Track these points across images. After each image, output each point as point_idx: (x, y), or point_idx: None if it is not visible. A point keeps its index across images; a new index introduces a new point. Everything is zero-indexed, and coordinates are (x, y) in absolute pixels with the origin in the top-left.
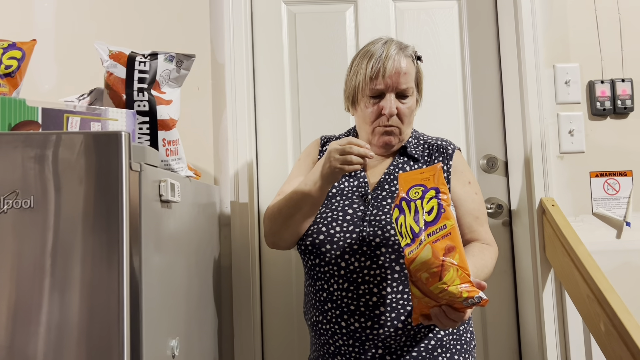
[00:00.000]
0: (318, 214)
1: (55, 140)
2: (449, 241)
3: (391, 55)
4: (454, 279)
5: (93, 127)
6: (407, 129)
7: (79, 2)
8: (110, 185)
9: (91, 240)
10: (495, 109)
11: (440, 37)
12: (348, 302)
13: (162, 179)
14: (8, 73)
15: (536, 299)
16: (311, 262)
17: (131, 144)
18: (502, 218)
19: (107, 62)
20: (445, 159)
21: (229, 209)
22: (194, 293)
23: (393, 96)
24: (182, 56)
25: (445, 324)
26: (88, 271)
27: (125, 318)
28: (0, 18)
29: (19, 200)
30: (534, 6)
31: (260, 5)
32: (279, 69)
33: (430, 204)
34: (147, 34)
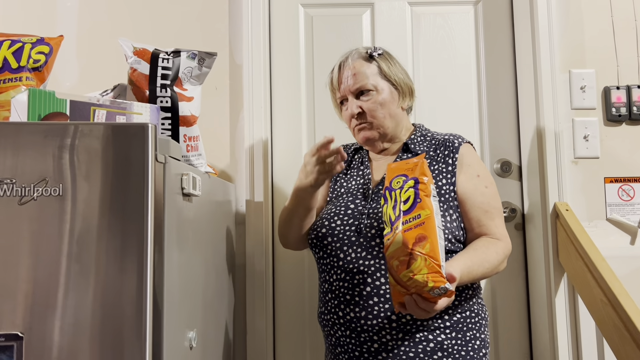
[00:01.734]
0: (326, 210)
1: (85, 131)
2: (421, 230)
3: (338, 67)
4: (421, 268)
5: (118, 120)
6: (386, 122)
7: (100, 1)
8: (136, 176)
9: (117, 230)
10: (510, 113)
11: (455, 41)
12: (344, 291)
13: (185, 172)
14: (36, 67)
15: (548, 303)
16: (317, 255)
17: (157, 137)
18: (515, 222)
19: (132, 58)
20: (451, 152)
21: (244, 208)
22: (210, 287)
23: (352, 98)
24: (204, 54)
25: (417, 313)
26: (114, 260)
27: (148, 307)
28: (24, 16)
29: (49, 188)
30: (550, 11)
31: (278, 8)
32: (295, 70)
33: (407, 193)
34: (167, 34)
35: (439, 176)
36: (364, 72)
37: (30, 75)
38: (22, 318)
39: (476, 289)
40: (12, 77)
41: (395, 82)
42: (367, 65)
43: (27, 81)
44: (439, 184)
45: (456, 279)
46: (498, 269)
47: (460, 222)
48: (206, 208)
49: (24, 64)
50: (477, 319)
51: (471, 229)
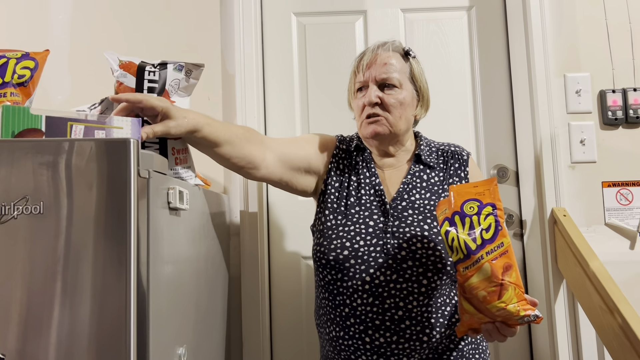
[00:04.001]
0: (339, 225)
1: (66, 147)
2: (506, 259)
3: (371, 50)
4: (512, 298)
5: (97, 135)
6: (400, 123)
7: (92, 14)
8: (118, 192)
9: (100, 247)
10: (505, 118)
11: (449, 47)
12: (373, 316)
13: (171, 186)
14: (21, 82)
15: (548, 310)
16: (331, 277)
17: (139, 151)
18: (513, 229)
19: (117, 71)
20: (462, 165)
21: (238, 219)
22: (202, 301)
23: (375, 86)
24: (191, 65)
25: (496, 338)
26: (97, 277)
27: (132, 325)
28: (16, 30)
29: (29, 206)
30: (544, 15)
31: (271, 17)
32: (288, 79)
33: (487, 220)
34: (159, 45)
35: None
36: (396, 65)
37: (15, 91)
38: (3, 339)
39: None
40: None
41: (420, 88)
42: (401, 61)
43: (12, 97)
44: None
45: (538, 304)
46: None
47: None
48: (197, 220)
49: (9, 80)
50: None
51: None
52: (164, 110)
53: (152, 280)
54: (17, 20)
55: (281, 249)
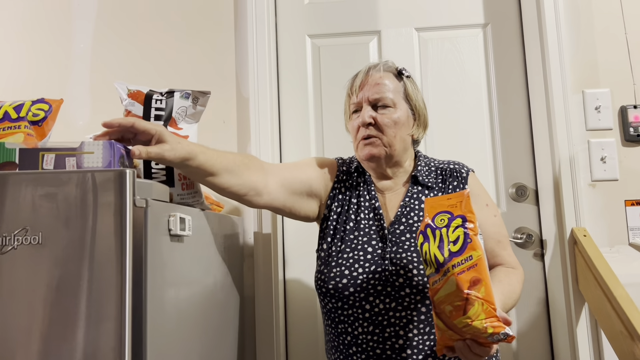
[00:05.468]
0: (339, 252)
1: (63, 179)
2: (474, 273)
3: (364, 71)
4: (479, 314)
5: (68, 162)
6: (395, 143)
7: (112, 42)
8: (115, 222)
9: (96, 276)
10: (524, 136)
11: (465, 65)
12: (374, 345)
13: (172, 213)
14: (36, 121)
15: (570, 334)
16: (332, 305)
17: (135, 181)
18: (533, 248)
19: (126, 100)
20: (461, 183)
21: (252, 240)
22: (211, 323)
23: (368, 107)
24: (197, 93)
25: (470, 358)
26: (92, 307)
27: (126, 351)
28: (41, 57)
29: (28, 236)
30: (560, 31)
31: (286, 40)
32: (303, 101)
33: (456, 233)
34: (177, 71)
35: None
36: (389, 85)
37: (29, 126)
38: None
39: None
40: (11, 125)
41: (415, 107)
42: (394, 81)
43: (26, 129)
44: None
45: (511, 323)
46: (519, 298)
47: None
48: (203, 244)
49: (23, 115)
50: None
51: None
52: (158, 134)
53: (149, 309)
54: (41, 48)
55: (297, 271)
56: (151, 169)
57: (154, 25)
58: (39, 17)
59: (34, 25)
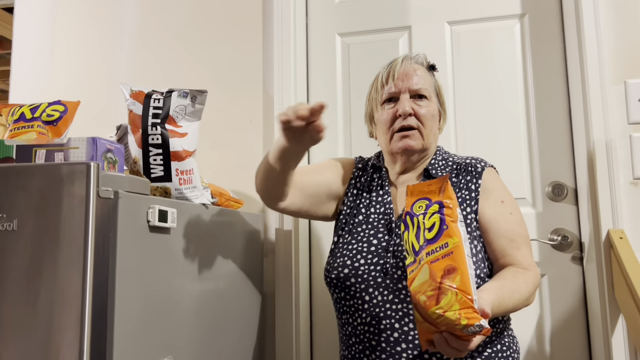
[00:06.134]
0: (344, 243)
1: (35, 171)
2: (449, 261)
3: (399, 61)
4: (452, 304)
5: (57, 157)
6: (430, 136)
7: (149, 48)
8: (79, 212)
9: (62, 261)
10: (563, 132)
11: (500, 58)
12: (370, 337)
13: (151, 205)
14: (50, 121)
15: (605, 344)
16: (337, 295)
17: (100, 173)
18: (570, 251)
19: (128, 100)
20: (474, 178)
21: (274, 236)
22: (211, 314)
23: (407, 96)
24: (195, 92)
25: (448, 352)
26: (58, 290)
27: (86, 327)
28: (89, 63)
29: (5, 223)
30: (598, 17)
31: (316, 39)
32: (332, 99)
33: (432, 219)
34: (208, 71)
35: (462, 204)
36: (424, 76)
37: (43, 125)
38: None
39: (506, 322)
40: (25, 125)
41: (443, 102)
42: (428, 75)
43: (39, 128)
44: (463, 213)
45: (489, 315)
46: (528, 301)
47: (485, 254)
48: (199, 238)
49: (38, 116)
50: (509, 352)
51: (495, 259)
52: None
53: (118, 292)
54: (89, 54)
55: (322, 268)
56: (150, 165)
57: (186, 29)
58: (91, 31)
59: (87, 39)
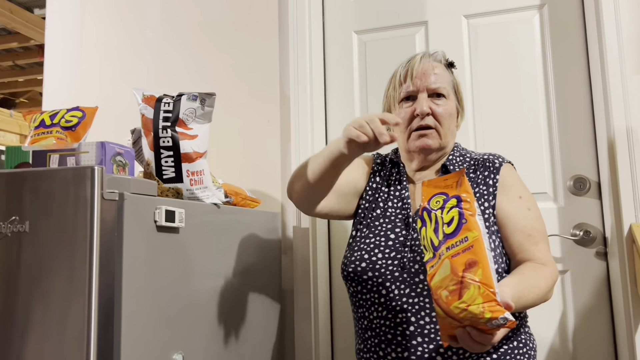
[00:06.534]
0: (362, 237)
1: (44, 175)
2: (470, 255)
3: (418, 59)
4: (475, 298)
5: (69, 161)
6: (448, 135)
7: (171, 53)
8: (84, 214)
9: (69, 260)
10: (584, 124)
11: (519, 50)
12: (386, 330)
13: (158, 206)
14: (69, 126)
15: (630, 344)
16: (353, 289)
17: (104, 176)
18: (594, 246)
19: (140, 105)
20: (492, 173)
21: (292, 234)
22: (225, 311)
23: (425, 95)
24: (204, 95)
25: (472, 347)
26: (65, 288)
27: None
28: (115, 68)
29: (17, 225)
30: (618, 6)
31: (333, 38)
32: (349, 96)
33: (450, 214)
34: (227, 72)
35: (480, 200)
36: (442, 75)
37: (62, 131)
38: None
39: (523, 318)
40: (44, 131)
41: (461, 99)
42: (447, 72)
43: (57, 134)
44: (480, 208)
45: (512, 308)
46: (547, 297)
47: (502, 249)
48: (209, 236)
49: (57, 122)
50: (526, 350)
51: (513, 255)
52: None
53: (125, 289)
54: (115, 59)
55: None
56: (161, 166)
57: (203, 32)
58: (116, 38)
59: (113, 46)
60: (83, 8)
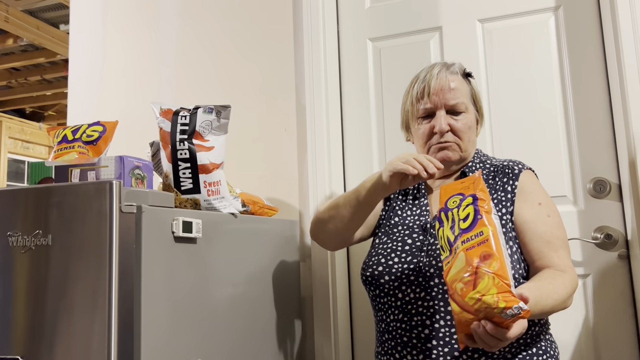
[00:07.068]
0: (380, 243)
1: (65, 190)
2: (485, 248)
3: (434, 74)
4: (489, 287)
5: (90, 175)
6: (469, 147)
7: (190, 66)
8: (104, 227)
9: (92, 272)
10: (604, 127)
11: (534, 53)
12: (402, 333)
13: (175, 217)
14: (90, 141)
15: None
16: (372, 293)
17: (122, 189)
18: (615, 250)
19: (159, 119)
20: (511, 179)
21: (310, 241)
22: (245, 318)
23: (443, 112)
24: (219, 107)
25: (489, 342)
26: (88, 296)
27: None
28: (134, 83)
29: (41, 238)
30: (634, 7)
31: (348, 45)
32: (365, 103)
33: (466, 210)
34: (245, 83)
35: (498, 205)
36: (459, 89)
37: (83, 146)
38: (22, 345)
39: (544, 325)
40: (67, 146)
41: (480, 108)
42: (464, 84)
43: (79, 148)
44: (498, 214)
45: (528, 300)
46: (566, 304)
47: (520, 254)
48: (226, 245)
49: (79, 137)
50: (546, 357)
51: (532, 261)
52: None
53: (144, 298)
54: (136, 74)
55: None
56: (179, 178)
57: (222, 45)
58: (137, 52)
59: (133, 60)
60: (105, 24)
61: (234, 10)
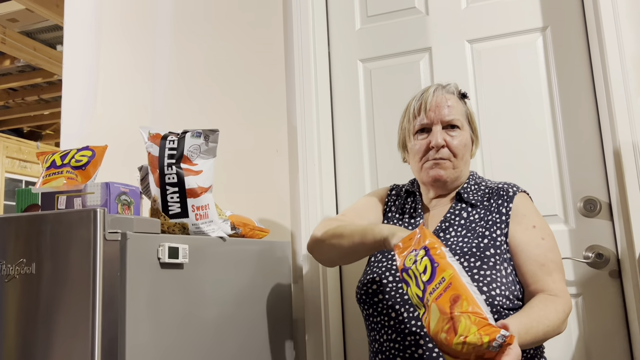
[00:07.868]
0: (375, 261)
1: (50, 218)
2: (452, 292)
3: (431, 92)
4: (469, 327)
5: (76, 202)
6: (463, 166)
7: (183, 88)
8: (88, 255)
9: (75, 300)
10: (593, 146)
11: (523, 73)
12: (395, 353)
13: (161, 243)
14: (79, 166)
15: None
16: (365, 312)
17: (106, 217)
18: (607, 269)
19: (147, 143)
20: (505, 202)
21: (302, 263)
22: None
23: (440, 128)
24: (207, 131)
25: None
26: (71, 326)
27: None
28: (126, 107)
29: (25, 267)
30: (619, 28)
31: (338, 67)
32: (356, 124)
33: (422, 263)
34: (237, 105)
35: (493, 227)
36: (455, 107)
37: (72, 171)
38: None
39: (538, 347)
40: (55, 171)
41: (475, 129)
42: (460, 103)
43: (67, 174)
44: (493, 235)
45: (508, 326)
46: (560, 329)
47: (515, 276)
48: (214, 270)
49: (67, 162)
50: None
51: (526, 284)
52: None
53: (129, 326)
54: (129, 96)
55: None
56: (167, 202)
57: (217, 68)
58: (131, 76)
59: (127, 84)
60: (98, 45)
61: (226, 34)
